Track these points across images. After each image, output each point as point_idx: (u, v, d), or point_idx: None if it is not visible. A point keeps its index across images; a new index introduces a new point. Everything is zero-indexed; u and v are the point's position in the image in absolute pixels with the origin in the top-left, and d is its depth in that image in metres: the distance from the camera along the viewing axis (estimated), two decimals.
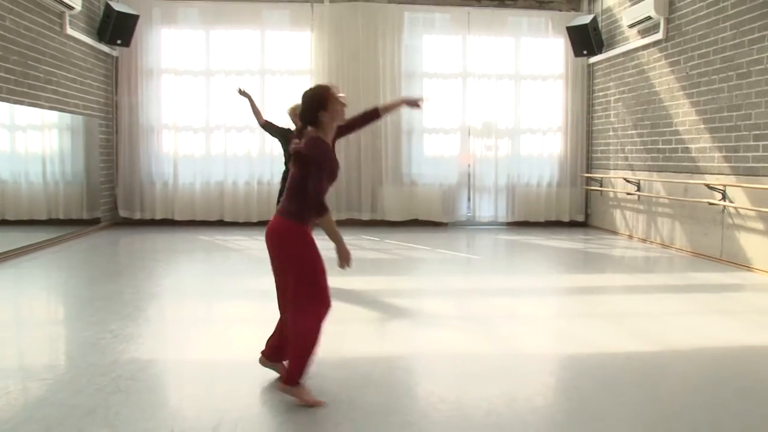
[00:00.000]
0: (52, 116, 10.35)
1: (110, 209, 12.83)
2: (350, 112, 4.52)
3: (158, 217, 12.98)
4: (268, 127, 8.56)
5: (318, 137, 4.10)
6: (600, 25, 12.67)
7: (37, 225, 10.15)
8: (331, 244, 4.30)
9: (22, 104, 9.34)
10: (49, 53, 10.12)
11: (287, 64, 13.08)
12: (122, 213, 12.97)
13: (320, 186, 4.00)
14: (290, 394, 4.03)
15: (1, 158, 9.12)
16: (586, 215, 13.60)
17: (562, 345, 5.47)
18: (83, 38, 11.25)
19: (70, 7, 10.43)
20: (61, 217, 10.77)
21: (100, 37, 11.88)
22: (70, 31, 10.70)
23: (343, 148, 12.73)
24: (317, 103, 4.11)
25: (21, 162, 9.64)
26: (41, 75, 9.89)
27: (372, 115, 4.69)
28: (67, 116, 10.79)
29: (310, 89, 4.22)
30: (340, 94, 4.20)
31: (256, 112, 8.67)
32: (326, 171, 4.03)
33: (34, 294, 7.32)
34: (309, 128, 4.15)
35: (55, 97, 10.32)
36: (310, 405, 3.97)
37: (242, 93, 8.67)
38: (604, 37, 12.61)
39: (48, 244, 10.08)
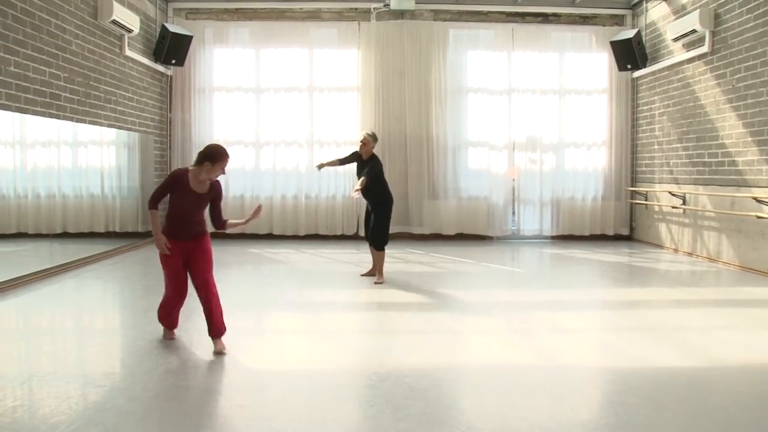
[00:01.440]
0: (111, 133, 10.61)
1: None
2: (394, 127, 4.57)
3: (209, 230, 13.09)
4: (346, 160, 9.00)
5: (180, 169, 5.56)
6: (644, 40, 12.50)
7: (96, 237, 10.39)
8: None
9: (83, 122, 9.62)
10: (109, 74, 10.41)
11: (335, 81, 13.20)
12: None
13: (155, 193, 5.51)
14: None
15: (65, 174, 9.37)
16: (631, 229, 13.38)
17: (608, 359, 5.39)
18: (140, 59, 11.55)
19: (129, 30, 10.74)
20: (118, 229, 10.99)
21: (156, 58, 12.18)
22: (128, 52, 11.01)
23: (389, 164, 12.76)
24: (209, 155, 5.35)
25: (82, 177, 9.90)
26: (102, 95, 10.17)
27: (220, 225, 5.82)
28: (124, 133, 11.05)
29: (217, 145, 5.52)
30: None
31: (334, 163, 9.07)
32: (166, 186, 5.46)
33: (92, 304, 7.49)
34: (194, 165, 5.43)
35: (113, 116, 10.60)
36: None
37: (320, 167, 8.98)
38: (648, 51, 12.44)
39: (106, 256, 10.32)
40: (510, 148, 13.25)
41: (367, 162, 8.49)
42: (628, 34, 12.43)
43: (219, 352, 5.28)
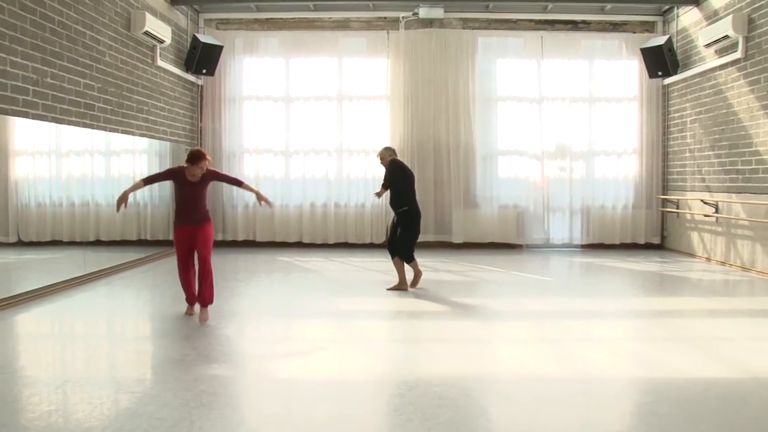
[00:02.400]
0: (143, 143, 10.76)
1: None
2: (424, 136, 4.59)
3: (240, 238, 13.27)
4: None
5: (178, 166, 6.97)
6: (675, 46, 12.36)
7: (128, 245, 10.53)
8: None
9: (116, 132, 9.78)
10: (141, 84, 10.57)
11: (364, 89, 13.26)
12: None
13: (152, 175, 7.11)
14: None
15: (98, 183, 9.52)
16: (662, 237, 13.21)
17: (640, 369, 5.31)
18: (172, 69, 11.72)
19: (161, 41, 10.90)
20: (149, 237, 11.14)
21: (187, 67, 12.34)
22: (160, 62, 11.18)
23: (419, 173, 12.63)
24: (188, 157, 6.66)
25: (115, 186, 10.01)
26: (134, 104, 10.34)
27: (235, 183, 7.25)
28: (155, 142, 11.20)
29: (195, 149, 6.78)
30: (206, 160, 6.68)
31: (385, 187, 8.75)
32: (161, 176, 7.06)
33: (125, 311, 7.58)
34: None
35: (145, 125, 10.75)
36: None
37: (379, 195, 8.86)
38: (679, 57, 12.30)
39: (137, 263, 10.45)
40: (540, 156, 13.18)
41: (387, 173, 8.51)
42: (659, 40, 12.31)
43: (203, 320, 6.61)
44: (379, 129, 13.16)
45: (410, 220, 8.45)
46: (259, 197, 7.33)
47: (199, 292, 6.78)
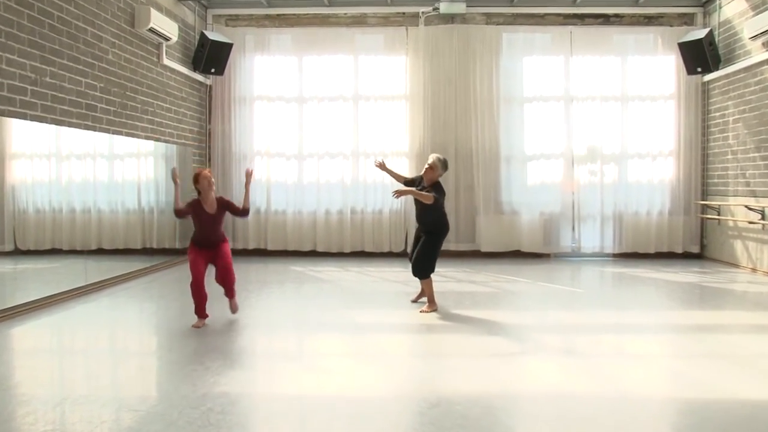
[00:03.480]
0: (148, 145, 10.82)
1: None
2: (444, 138, 4.56)
3: (251, 246, 13.30)
4: (407, 183, 8.76)
5: (195, 199, 7.35)
6: (717, 39, 12.22)
7: (132, 254, 10.57)
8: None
9: (120, 134, 9.83)
10: (146, 84, 10.63)
11: (381, 89, 13.27)
12: None
13: (176, 211, 7.37)
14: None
15: (100, 188, 9.56)
16: (702, 246, 13.07)
17: (678, 388, 5.23)
18: (179, 68, 11.79)
19: (167, 38, 10.97)
20: (155, 246, 11.18)
21: (195, 66, 12.41)
22: (166, 61, 11.25)
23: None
24: (194, 179, 7.32)
25: (118, 191, 10.09)
26: (139, 105, 10.39)
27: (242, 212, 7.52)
28: (161, 145, 11.26)
29: (196, 173, 7.36)
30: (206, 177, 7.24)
31: (397, 176, 9.04)
32: (186, 211, 7.31)
33: (128, 324, 7.58)
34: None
35: (150, 127, 10.82)
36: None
37: (381, 167, 8.92)
38: (721, 52, 12.16)
39: (142, 273, 10.49)
40: (568, 159, 13.11)
41: (428, 191, 8.03)
42: (699, 34, 12.16)
43: (234, 310, 7.65)
44: (398, 131, 13.18)
45: (439, 241, 8.20)
46: (247, 182, 7.55)
47: (225, 289, 7.57)
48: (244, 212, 7.48)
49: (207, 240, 7.32)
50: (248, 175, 7.51)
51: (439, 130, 13.05)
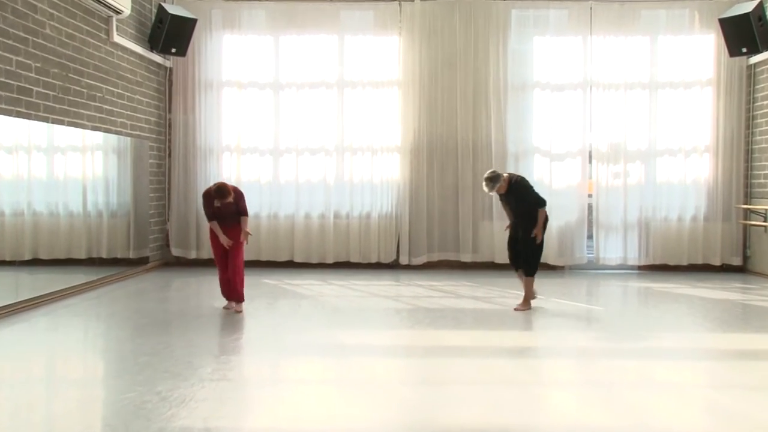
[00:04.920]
0: (96, 137, 10.71)
1: (161, 247, 13.19)
2: (443, 131, 4.51)
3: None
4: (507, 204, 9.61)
5: (207, 190, 9.05)
6: (767, 14, 12.16)
7: (75, 265, 10.42)
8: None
9: (61, 124, 9.72)
10: (93, 64, 10.53)
11: (371, 74, 13.23)
12: (175, 252, 13.29)
13: (206, 213, 9.01)
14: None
15: (37, 186, 9.44)
16: (745, 258, 13.06)
17: (717, 424, 5.18)
18: (132, 46, 11.69)
19: (118, 11, 10.86)
20: (104, 255, 11.07)
21: (152, 45, 12.32)
22: (117, 38, 11.13)
23: (437, 176, 12.92)
24: (218, 193, 8.72)
25: (59, 191, 9.98)
26: (84, 90, 10.29)
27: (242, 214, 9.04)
28: (112, 137, 11.15)
29: (221, 184, 8.85)
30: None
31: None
32: (206, 209, 8.93)
33: (69, 347, 7.47)
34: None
35: (98, 116, 10.71)
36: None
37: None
38: None
39: (87, 288, 10.36)
40: (586, 156, 13.10)
41: (510, 193, 9.18)
42: (746, 7, 11.95)
43: (237, 311, 8.94)
44: (389, 122, 13.14)
45: (543, 230, 9.14)
46: (245, 236, 9.08)
47: (231, 287, 8.98)
48: (244, 214, 9.00)
49: (223, 221, 8.81)
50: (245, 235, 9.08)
51: (437, 122, 13.02)
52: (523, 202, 9.10)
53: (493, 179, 9.03)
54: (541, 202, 9.11)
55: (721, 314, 9.40)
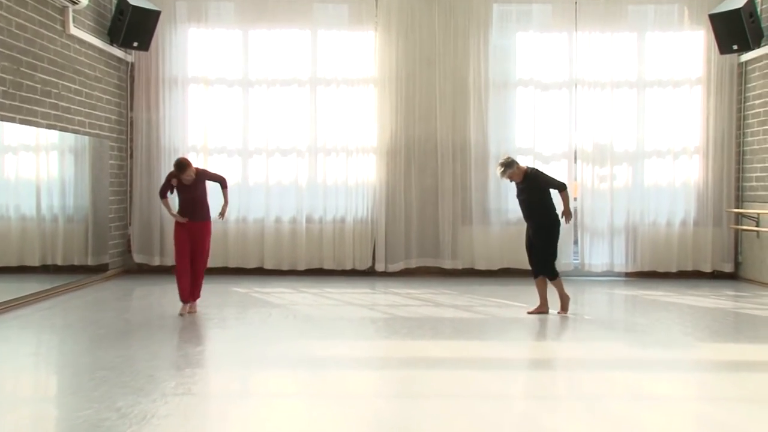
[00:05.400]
0: (51, 136, 10.61)
1: (122, 253, 13.08)
2: (421, 131, 4.47)
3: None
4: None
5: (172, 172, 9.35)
6: (759, 9, 12.10)
7: (28, 273, 10.35)
8: None
9: (12, 121, 9.61)
10: (47, 58, 10.42)
11: (345, 71, 13.21)
12: (137, 258, 13.19)
13: (161, 189, 9.50)
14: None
15: None
16: (737, 264, 13.14)
17: None
18: (90, 39, 11.57)
19: (75, 1, 10.74)
20: (59, 262, 10.97)
21: (112, 39, 12.21)
22: (74, 30, 11.00)
23: (415, 178, 12.92)
24: (176, 167, 9.17)
25: (10, 193, 9.87)
26: (38, 85, 10.18)
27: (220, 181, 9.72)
28: (69, 136, 11.04)
29: (182, 158, 9.50)
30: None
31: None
32: (166, 184, 9.38)
33: (19, 361, 7.34)
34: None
35: (54, 113, 10.59)
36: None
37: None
38: (764, 25, 12.11)
39: (41, 297, 10.23)
40: (571, 157, 13.15)
41: (525, 183, 9.52)
42: (736, 3, 11.99)
43: (192, 312, 9.36)
44: (364, 122, 13.14)
45: (553, 233, 9.53)
46: (223, 210, 9.82)
47: (195, 285, 9.40)
48: (222, 180, 9.68)
49: (190, 210, 9.25)
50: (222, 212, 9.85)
51: (415, 122, 13.03)
52: (537, 191, 9.40)
53: (507, 164, 9.43)
54: (563, 185, 9.52)
55: (712, 323, 9.43)
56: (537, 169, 9.74)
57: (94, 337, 8.05)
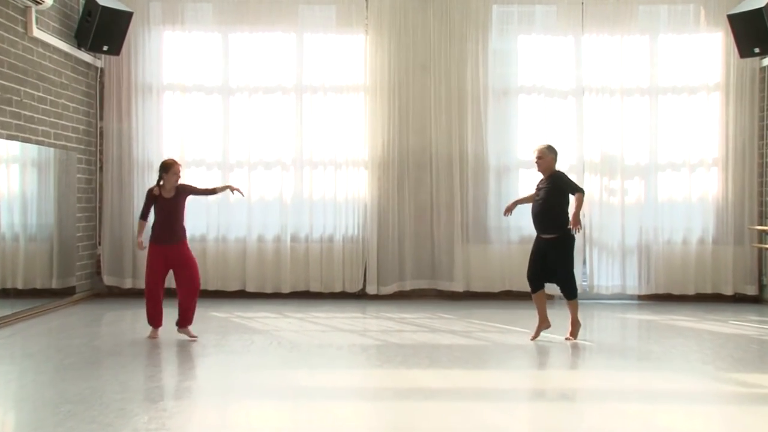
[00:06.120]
0: (12, 148, 10.58)
1: (91, 275, 13.02)
2: (416, 142, 4.43)
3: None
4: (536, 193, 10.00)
5: (152, 187, 9.51)
6: None
7: None
8: None
9: None
10: (7, 63, 10.40)
11: (333, 78, 13.22)
12: (107, 280, 13.12)
13: (144, 209, 9.47)
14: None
15: None
16: (761, 286, 13.09)
17: None
18: (56, 42, 11.55)
19: (38, 1, 10.71)
20: (20, 286, 10.95)
21: (80, 42, 12.19)
22: (37, 32, 10.97)
23: (409, 195, 12.91)
24: (161, 168, 9.37)
25: None
26: None
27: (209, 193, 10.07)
28: (32, 148, 11.00)
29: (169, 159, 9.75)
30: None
31: (527, 199, 10.24)
32: (147, 204, 9.39)
33: None
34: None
35: (15, 123, 10.57)
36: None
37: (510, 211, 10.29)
38: None
39: (0, 324, 10.18)
40: (578, 170, 13.09)
41: (549, 182, 9.57)
42: (758, 2, 11.95)
43: (192, 338, 9.38)
44: (354, 133, 13.16)
45: (571, 247, 9.56)
46: (231, 188, 10.01)
47: (183, 308, 9.34)
48: (210, 191, 9.98)
49: (166, 235, 9.24)
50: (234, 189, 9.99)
51: (409, 132, 13.03)
52: (558, 194, 9.40)
53: (549, 147, 9.73)
54: (581, 189, 9.50)
55: (734, 351, 9.38)
56: (564, 173, 9.85)
57: (59, 367, 8.00)
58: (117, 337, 10.02)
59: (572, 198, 9.35)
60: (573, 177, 12.82)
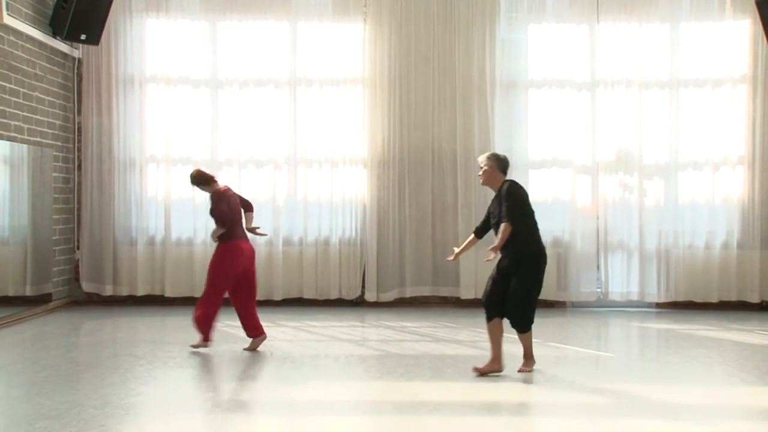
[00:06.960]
0: None
1: (68, 281, 13.01)
2: (418, 139, 4.44)
3: (140, 292, 13.07)
4: (484, 222, 8.86)
5: (216, 190, 9.63)
6: None
7: None
8: None
9: None
10: None
11: (330, 70, 13.23)
12: (86, 287, 13.11)
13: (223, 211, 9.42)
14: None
15: None
16: None
17: None
18: (29, 30, 11.53)
19: None
20: None
21: (55, 30, 12.17)
22: (8, 19, 10.91)
23: (410, 196, 12.92)
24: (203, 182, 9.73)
25: None
26: None
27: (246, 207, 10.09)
28: (4, 144, 11.00)
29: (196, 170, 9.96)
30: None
31: (471, 242, 9.08)
32: (222, 206, 9.42)
33: None
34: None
35: None
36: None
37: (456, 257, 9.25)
38: None
39: None
40: (593, 169, 13.15)
41: (497, 200, 8.32)
42: None
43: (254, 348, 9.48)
44: (352, 129, 13.18)
45: (537, 270, 8.37)
46: (255, 232, 10.07)
47: (251, 314, 9.61)
48: (249, 205, 10.14)
49: (242, 230, 9.71)
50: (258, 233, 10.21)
51: (411, 128, 13.04)
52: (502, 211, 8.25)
53: (498, 157, 8.57)
54: (512, 217, 8.08)
55: (761, 363, 9.35)
56: (515, 185, 8.44)
57: (35, 380, 7.99)
58: (96, 347, 10.04)
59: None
60: (586, 178, 13.01)
